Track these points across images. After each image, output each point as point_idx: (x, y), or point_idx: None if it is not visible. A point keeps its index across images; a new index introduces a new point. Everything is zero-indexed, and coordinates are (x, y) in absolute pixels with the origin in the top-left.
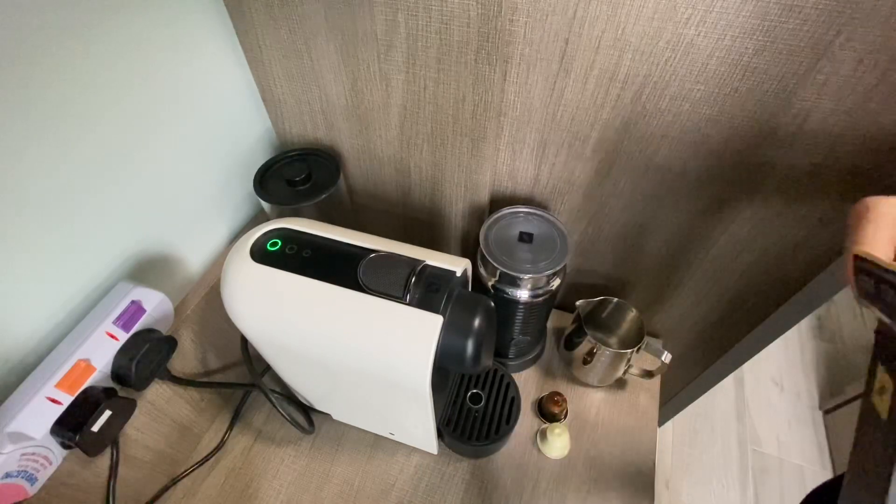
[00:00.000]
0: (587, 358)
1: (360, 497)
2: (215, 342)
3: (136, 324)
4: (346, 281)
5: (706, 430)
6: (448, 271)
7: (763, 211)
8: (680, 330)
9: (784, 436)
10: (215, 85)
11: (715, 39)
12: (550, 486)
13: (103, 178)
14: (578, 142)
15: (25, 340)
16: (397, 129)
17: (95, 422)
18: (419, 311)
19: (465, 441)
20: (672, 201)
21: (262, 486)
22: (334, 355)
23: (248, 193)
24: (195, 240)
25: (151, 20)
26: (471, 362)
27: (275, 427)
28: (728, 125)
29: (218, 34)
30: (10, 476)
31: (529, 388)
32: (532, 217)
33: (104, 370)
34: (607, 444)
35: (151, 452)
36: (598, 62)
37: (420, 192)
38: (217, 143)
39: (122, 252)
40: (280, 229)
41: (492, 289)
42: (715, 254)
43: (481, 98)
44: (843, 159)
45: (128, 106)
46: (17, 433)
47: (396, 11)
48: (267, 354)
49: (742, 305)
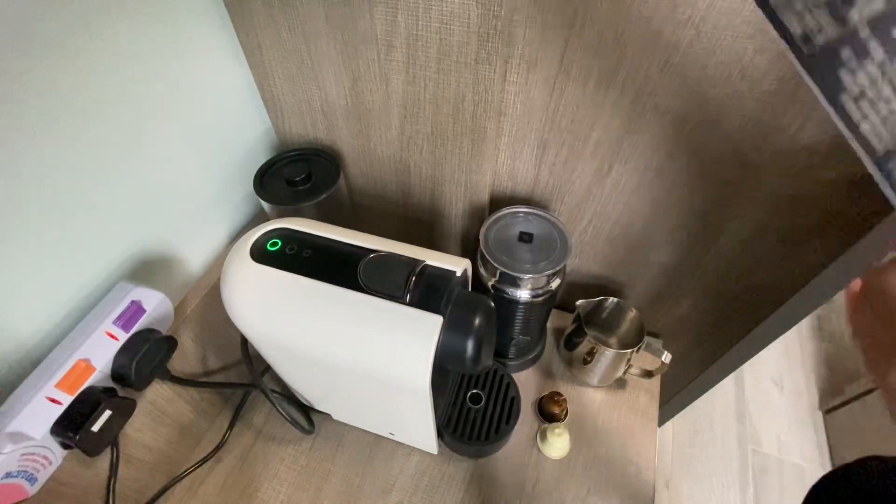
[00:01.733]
0: (587, 358)
1: (360, 497)
2: (215, 342)
3: (136, 324)
4: (347, 281)
5: (706, 430)
6: (448, 271)
7: (763, 211)
8: (680, 330)
9: (784, 436)
10: (215, 85)
11: (715, 40)
12: (550, 486)
13: (103, 177)
14: (578, 142)
15: (25, 340)
16: (397, 129)
17: (95, 422)
18: (419, 311)
19: (465, 441)
20: (672, 202)
21: (262, 486)
22: (334, 355)
23: (248, 193)
24: (195, 240)
25: (151, 20)
26: (471, 362)
27: (275, 427)
28: (728, 125)
29: (218, 34)
30: (10, 476)
31: (529, 388)
32: (532, 217)
33: (104, 370)
34: (607, 444)
35: (151, 452)
36: (598, 62)
37: (420, 192)
38: (217, 142)
39: (122, 252)
40: (280, 229)
41: (492, 289)
42: (715, 254)
43: (481, 98)
44: (844, 160)
45: (127, 106)
46: (17, 433)
47: (396, 11)
48: (267, 354)
49: (742, 305)
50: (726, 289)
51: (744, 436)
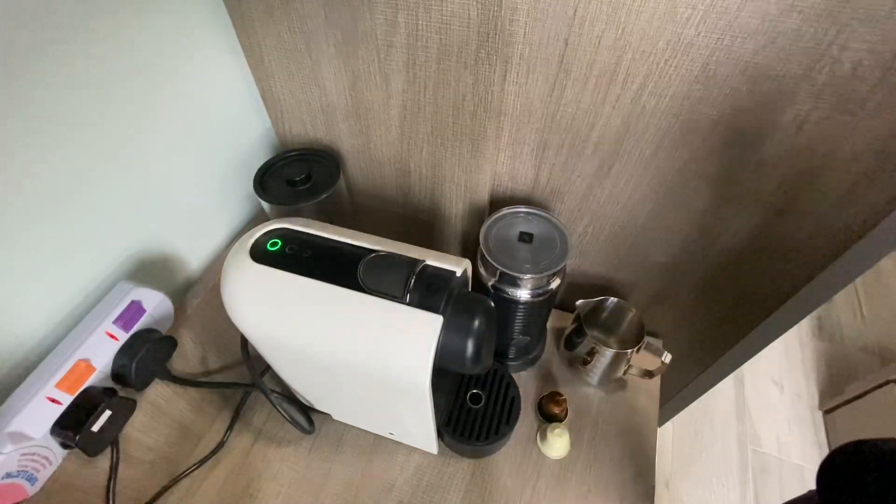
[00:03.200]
0: (587, 358)
1: (360, 497)
2: (215, 342)
3: (136, 324)
4: (347, 281)
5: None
6: (448, 271)
7: (763, 211)
8: (680, 330)
9: (784, 436)
10: (215, 85)
11: (715, 39)
12: (550, 486)
13: (103, 178)
14: (578, 142)
15: (25, 340)
16: (397, 129)
17: (95, 422)
18: (419, 311)
19: (465, 441)
20: (672, 201)
21: (262, 486)
22: (334, 355)
23: (249, 193)
24: (195, 240)
25: (151, 20)
26: (471, 363)
27: (275, 427)
28: (728, 125)
29: (218, 34)
30: (11, 476)
31: (529, 388)
32: (532, 217)
33: (104, 370)
34: (607, 444)
35: (151, 452)
36: (598, 62)
37: (420, 192)
38: (217, 143)
39: (122, 252)
40: (280, 229)
41: (492, 289)
42: (715, 254)
43: (481, 98)
44: (844, 160)
45: (127, 106)
46: (17, 433)
47: (396, 11)
48: (267, 354)
49: (742, 305)
50: (726, 289)
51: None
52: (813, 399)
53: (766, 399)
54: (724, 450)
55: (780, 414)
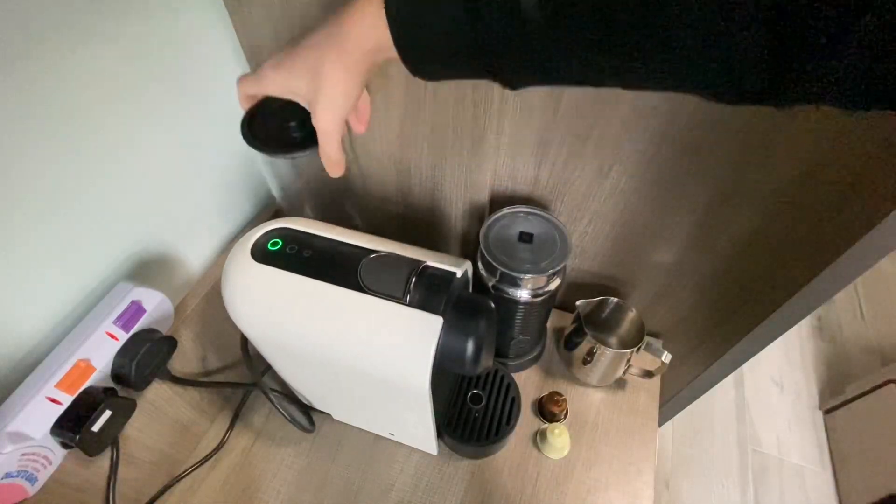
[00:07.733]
0: (587, 358)
1: (360, 497)
2: (215, 342)
3: (136, 324)
4: (347, 281)
5: (706, 430)
6: (448, 272)
7: (763, 211)
8: (680, 330)
9: (784, 436)
10: (215, 85)
11: None
12: (550, 486)
13: (103, 177)
14: (578, 142)
15: (25, 340)
16: (397, 129)
17: (95, 422)
18: (419, 311)
19: (465, 441)
20: (672, 201)
21: (262, 486)
22: (334, 355)
23: (249, 193)
24: (195, 240)
25: (151, 19)
26: (471, 364)
27: (275, 427)
28: (728, 125)
29: (218, 33)
30: (10, 476)
31: (529, 388)
32: (532, 217)
33: (104, 370)
34: (607, 444)
35: (151, 452)
36: None
37: (420, 192)
38: (217, 142)
39: (122, 252)
40: (281, 229)
41: (492, 289)
42: (715, 253)
43: (481, 98)
44: (844, 160)
45: (127, 105)
46: (17, 433)
47: None
48: (267, 354)
49: (742, 305)
50: (726, 289)
51: (744, 436)
52: (813, 399)
53: (766, 399)
54: (723, 450)
55: (780, 414)
